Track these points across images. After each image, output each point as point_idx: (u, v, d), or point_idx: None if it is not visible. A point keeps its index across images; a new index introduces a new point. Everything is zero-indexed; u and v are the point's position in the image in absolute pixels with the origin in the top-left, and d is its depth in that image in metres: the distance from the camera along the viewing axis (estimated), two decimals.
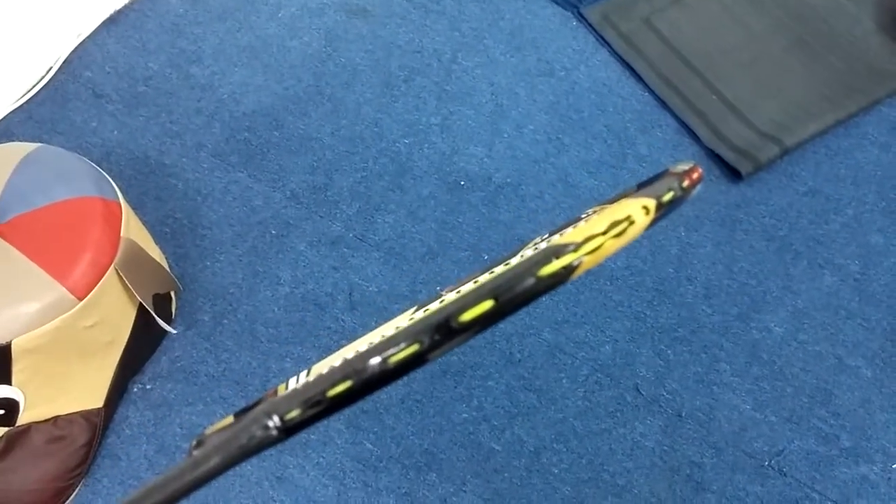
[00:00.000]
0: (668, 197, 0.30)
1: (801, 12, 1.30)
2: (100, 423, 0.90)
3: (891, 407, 0.95)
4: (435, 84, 1.23)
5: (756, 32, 1.28)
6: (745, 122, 1.16)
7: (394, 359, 0.26)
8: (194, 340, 0.99)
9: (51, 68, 1.23)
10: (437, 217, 1.09)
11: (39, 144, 0.91)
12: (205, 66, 1.25)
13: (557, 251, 0.26)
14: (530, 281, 0.26)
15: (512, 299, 0.26)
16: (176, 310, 1.00)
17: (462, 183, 1.13)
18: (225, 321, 1.00)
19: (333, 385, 0.26)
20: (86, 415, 0.88)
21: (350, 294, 1.02)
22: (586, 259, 0.26)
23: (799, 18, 1.29)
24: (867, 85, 1.21)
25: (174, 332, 0.98)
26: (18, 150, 0.89)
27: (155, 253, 0.96)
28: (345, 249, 1.06)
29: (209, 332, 0.99)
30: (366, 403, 0.95)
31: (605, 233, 0.27)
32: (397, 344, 0.26)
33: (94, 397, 0.89)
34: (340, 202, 1.10)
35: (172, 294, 0.98)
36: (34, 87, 1.21)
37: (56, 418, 0.86)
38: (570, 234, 0.27)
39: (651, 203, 0.29)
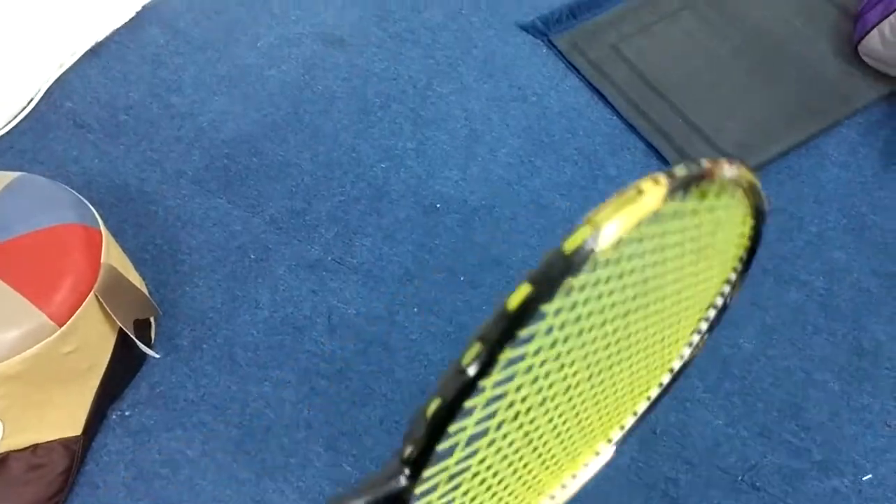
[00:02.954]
0: (681, 172, 0.32)
1: (759, 37, 1.35)
2: (78, 451, 0.90)
3: (858, 420, 0.97)
4: (410, 110, 1.26)
5: (718, 58, 1.32)
6: (709, 144, 1.20)
7: (464, 361, 0.28)
8: (173, 366, 0.99)
9: (32, 99, 1.24)
10: (414, 239, 1.11)
11: (20, 173, 0.92)
12: (185, 95, 1.27)
13: (571, 231, 0.28)
14: (558, 260, 0.28)
15: (548, 275, 0.28)
16: (155, 335, 1.01)
17: (438, 206, 1.15)
18: (204, 346, 1.01)
19: (428, 405, 0.29)
20: (65, 442, 0.88)
21: (329, 317, 1.04)
22: (597, 218, 0.28)
23: (758, 43, 1.34)
24: (826, 106, 1.25)
25: (156, 356, 0.99)
26: None
27: (135, 279, 0.97)
28: (323, 273, 1.08)
29: (188, 357, 1.00)
30: (344, 425, 0.96)
31: (612, 203, 0.29)
32: (468, 353, 0.29)
33: (72, 424, 0.90)
34: (319, 226, 1.12)
35: (152, 320, 0.99)
36: (15, 117, 1.22)
37: (35, 446, 0.86)
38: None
39: (662, 176, 0.31)
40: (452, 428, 0.30)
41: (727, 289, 0.51)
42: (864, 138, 1.23)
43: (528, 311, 0.28)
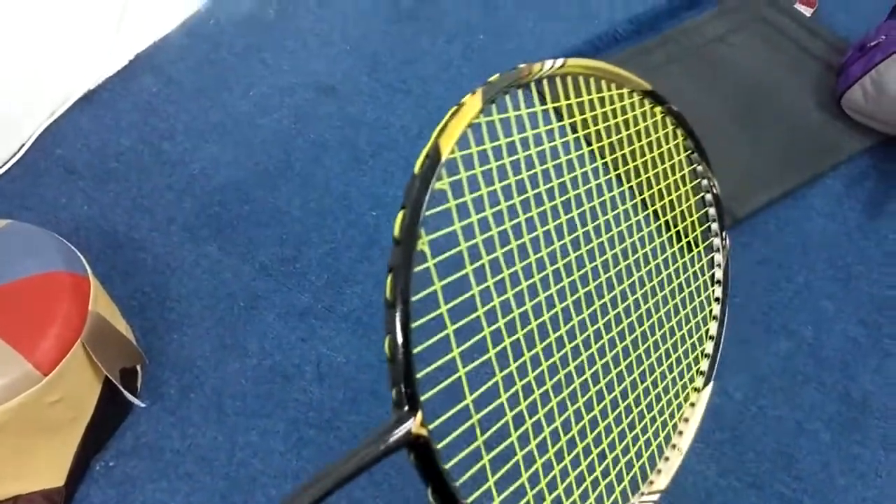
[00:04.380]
0: (495, 78, 0.42)
1: (745, 90, 1.38)
2: (60, 503, 0.88)
3: (849, 470, 0.97)
4: (402, 158, 1.27)
5: (705, 110, 1.34)
6: None
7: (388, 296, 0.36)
8: (160, 415, 0.98)
9: (23, 145, 1.25)
10: (420, 302, 1.11)
11: (9, 220, 0.92)
12: (176, 142, 1.28)
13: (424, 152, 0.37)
14: (415, 181, 0.37)
15: (411, 195, 0.37)
16: (142, 384, 0.99)
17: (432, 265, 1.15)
18: (191, 395, 1.00)
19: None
20: (46, 494, 0.86)
21: (318, 365, 1.03)
22: (441, 140, 0.38)
23: (744, 96, 1.37)
24: (811, 158, 1.27)
25: (142, 405, 0.97)
26: None
27: (122, 327, 0.96)
28: (313, 321, 1.07)
29: (175, 407, 0.99)
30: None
31: (443, 122, 0.38)
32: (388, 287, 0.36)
33: (55, 475, 0.88)
34: (309, 274, 1.12)
35: (138, 368, 0.98)
36: (6, 163, 1.22)
37: (16, 498, 0.84)
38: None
39: (479, 87, 0.40)
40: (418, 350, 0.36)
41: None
42: (849, 189, 1.25)
43: (410, 231, 0.36)
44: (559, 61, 0.45)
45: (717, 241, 0.62)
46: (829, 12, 1.52)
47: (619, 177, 0.55)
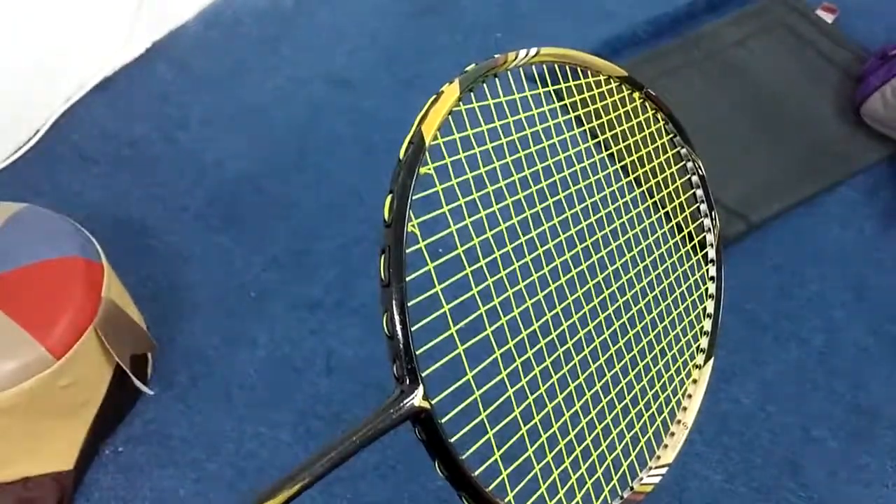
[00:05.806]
0: (471, 68, 0.45)
1: (763, 97, 1.37)
2: (69, 486, 0.88)
3: (856, 479, 0.96)
4: None
5: (721, 115, 1.34)
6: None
7: (383, 276, 0.38)
8: (169, 403, 0.98)
9: (38, 130, 1.25)
10: (416, 283, 1.11)
11: (25, 204, 0.92)
12: (191, 132, 1.28)
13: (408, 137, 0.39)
14: (400, 166, 0.39)
15: (397, 180, 0.38)
16: (152, 371, 1.00)
17: (440, 250, 1.15)
18: (200, 383, 1.00)
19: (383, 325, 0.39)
20: (56, 477, 0.87)
21: (327, 358, 1.03)
22: (423, 127, 0.41)
23: (762, 103, 1.36)
24: (827, 166, 1.27)
25: (151, 393, 0.97)
26: (4, 209, 0.91)
27: (134, 314, 0.97)
28: (323, 314, 1.07)
29: (184, 395, 0.99)
30: (340, 470, 0.94)
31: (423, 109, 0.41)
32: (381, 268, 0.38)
33: (65, 459, 0.88)
34: (320, 267, 1.12)
35: (149, 355, 0.98)
36: (21, 148, 1.23)
37: (26, 479, 0.85)
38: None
39: (456, 77, 0.43)
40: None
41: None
42: (865, 199, 1.24)
43: (399, 214, 0.38)
44: (533, 50, 0.49)
45: (707, 222, 0.63)
46: (851, 20, 1.51)
47: (604, 159, 0.58)
